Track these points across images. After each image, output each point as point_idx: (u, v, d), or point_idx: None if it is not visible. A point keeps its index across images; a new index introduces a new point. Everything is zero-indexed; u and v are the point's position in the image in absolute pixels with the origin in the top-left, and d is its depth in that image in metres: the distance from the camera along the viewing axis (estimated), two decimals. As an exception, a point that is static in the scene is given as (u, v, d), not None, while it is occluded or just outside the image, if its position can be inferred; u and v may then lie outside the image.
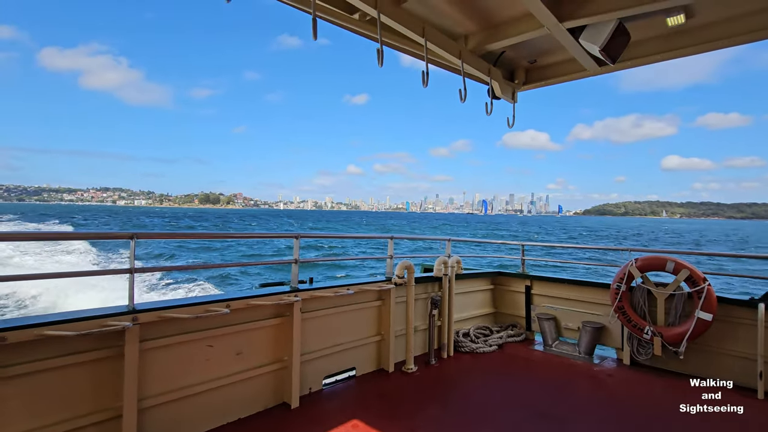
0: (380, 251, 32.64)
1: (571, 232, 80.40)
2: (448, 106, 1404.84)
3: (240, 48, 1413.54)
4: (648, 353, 4.33)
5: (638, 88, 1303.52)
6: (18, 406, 2.14)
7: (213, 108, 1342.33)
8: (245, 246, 32.68)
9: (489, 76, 3.56)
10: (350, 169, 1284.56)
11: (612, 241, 57.64)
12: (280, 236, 4.09)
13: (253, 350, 3.21)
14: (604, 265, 6.21)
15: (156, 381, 2.66)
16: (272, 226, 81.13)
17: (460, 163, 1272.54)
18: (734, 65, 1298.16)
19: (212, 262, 26.22)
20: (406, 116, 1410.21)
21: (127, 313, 2.47)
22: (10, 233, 3.09)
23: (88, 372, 2.37)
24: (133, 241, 2.53)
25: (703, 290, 3.95)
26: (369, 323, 4.16)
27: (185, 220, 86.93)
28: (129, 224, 64.27)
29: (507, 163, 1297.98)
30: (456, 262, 4.93)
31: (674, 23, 2.81)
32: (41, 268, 16.57)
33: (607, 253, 26.85)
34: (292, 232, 3.62)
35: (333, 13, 2.67)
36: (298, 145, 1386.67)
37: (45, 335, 2.14)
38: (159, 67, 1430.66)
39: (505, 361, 4.64)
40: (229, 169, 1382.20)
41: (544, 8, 2.55)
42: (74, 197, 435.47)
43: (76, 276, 2.55)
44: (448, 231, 71.28)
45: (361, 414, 3.21)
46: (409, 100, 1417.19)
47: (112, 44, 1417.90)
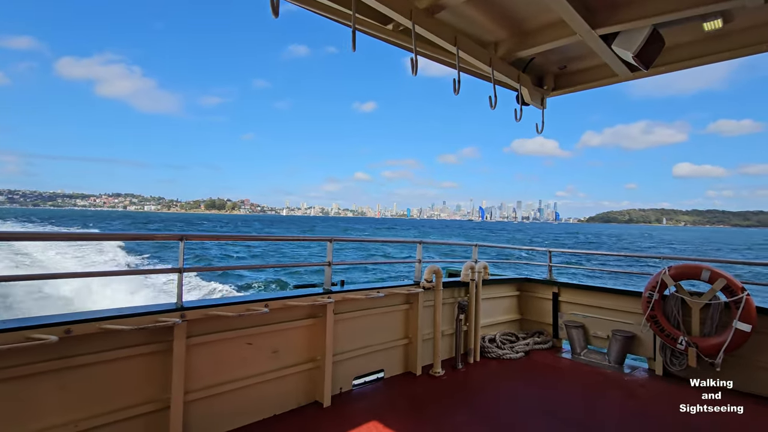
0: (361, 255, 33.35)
1: (553, 237, 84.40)
2: (456, 113, 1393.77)
3: (249, 57, 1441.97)
4: (682, 364, 4.21)
5: (648, 94, 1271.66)
6: (78, 393, 2.30)
7: (223, 115, 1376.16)
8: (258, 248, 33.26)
9: (518, 83, 3.58)
10: (358, 175, 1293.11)
11: (588, 247, 61.19)
12: (316, 239, 4.26)
13: (288, 349, 3.32)
14: (616, 271, 5.99)
15: (200, 376, 2.79)
16: (246, 230, 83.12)
17: (468, 169, 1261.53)
18: (746, 72, 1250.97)
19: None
20: (414, 123, 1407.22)
21: (176, 310, 2.62)
22: (60, 233, 3.29)
23: (139, 365, 2.53)
24: (182, 242, 2.69)
25: (742, 300, 3.82)
26: (397, 326, 4.22)
27: (178, 225, 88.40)
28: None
29: (515, 169, 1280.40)
30: (483, 267, 4.94)
31: (711, 28, 2.77)
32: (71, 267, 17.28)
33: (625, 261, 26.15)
34: (326, 236, 3.73)
35: (369, 24, 2.77)
36: (306, 152, 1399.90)
37: (105, 329, 2.30)
38: (171, 76, 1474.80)
39: (532, 368, 4.60)
40: (238, 175, 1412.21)
41: (577, 16, 2.57)
42: (87, 203, 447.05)
43: (128, 274, 2.72)
44: (420, 235, 74.66)
45: (390, 416, 3.26)
46: (417, 107, 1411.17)
47: (126, 54, 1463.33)
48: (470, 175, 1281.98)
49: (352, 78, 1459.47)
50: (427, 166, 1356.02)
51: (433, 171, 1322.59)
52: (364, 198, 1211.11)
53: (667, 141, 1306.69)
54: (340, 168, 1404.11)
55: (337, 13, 2.53)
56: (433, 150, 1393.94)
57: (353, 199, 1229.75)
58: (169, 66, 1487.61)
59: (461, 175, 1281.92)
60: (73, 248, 21.68)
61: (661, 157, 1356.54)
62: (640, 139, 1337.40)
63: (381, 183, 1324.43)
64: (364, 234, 76.21)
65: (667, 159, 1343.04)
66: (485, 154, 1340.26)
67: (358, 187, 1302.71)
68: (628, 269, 9.84)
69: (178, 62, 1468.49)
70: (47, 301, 11.67)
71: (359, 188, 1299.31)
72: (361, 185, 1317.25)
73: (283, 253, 34.34)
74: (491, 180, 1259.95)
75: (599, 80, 3.74)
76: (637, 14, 2.66)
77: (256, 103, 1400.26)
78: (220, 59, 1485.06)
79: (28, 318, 2.25)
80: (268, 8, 1.85)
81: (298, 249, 35.85)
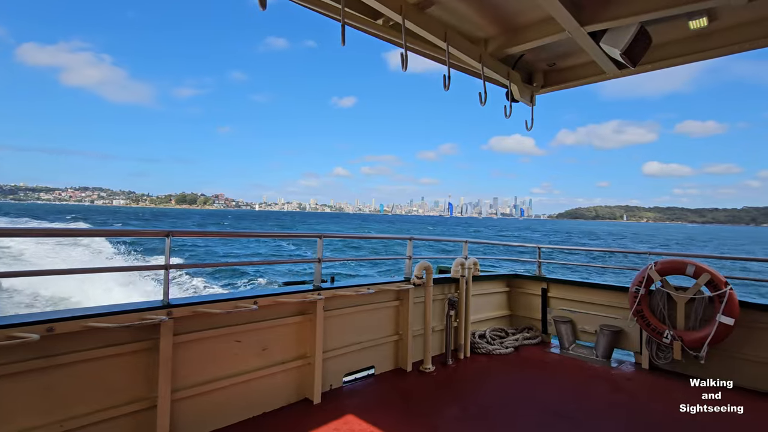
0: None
1: (507, 232, 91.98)
2: (436, 110, 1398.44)
3: (226, 48, 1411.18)
4: (668, 357, 4.29)
5: (619, 95, 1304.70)
6: (63, 393, 2.26)
7: (198, 107, 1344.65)
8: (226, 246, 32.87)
9: (508, 79, 3.60)
10: (338, 171, 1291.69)
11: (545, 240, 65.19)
12: (304, 236, 4.23)
13: (278, 346, 3.30)
14: (605, 266, 6.13)
15: (187, 374, 2.76)
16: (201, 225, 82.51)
17: (447, 166, 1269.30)
18: (710, 75, 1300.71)
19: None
20: (394, 119, 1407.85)
21: (162, 307, 2.58)
22: (39, 229, 3.12)
23: (125, 363, 2.48)
24: (168, 238, 2.65)
25: (725, 294, 3.91)
26: (388, 323, 4.22)
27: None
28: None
29: (493, 166, 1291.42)
30: (473, 263, 4.96)
31: (696, 26, 2.82)
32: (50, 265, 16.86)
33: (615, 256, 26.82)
34: (316, 232, 3.71)
35: (358, 19, 2.75)
36: (284, 146, 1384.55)
37: (89, 326, 2.26)
38: (143, 65, 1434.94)
39: (522, 363, 4.65)
40: (214, 169, 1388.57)
41: (566, 12, 2.59)
42: (52, 196, 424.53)
43: (113, 271, 2.67)
44: (383, 229, 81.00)
45: (381, 412, 3.26)
46: (397, 103, 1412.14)
47: (95, 42, 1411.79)
48: (449, 171, 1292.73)
49: (333, 73, 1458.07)
50: (407, 163, 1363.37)
51: (413, 167, 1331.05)
52: (344, 194, 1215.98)
53: (637, 140, 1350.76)
54: (319, 163, 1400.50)
55: (326, 6, 2.51)
56: (413, 146, 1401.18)
57: (332, 194, 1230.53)
58: (141, 55, 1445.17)
59: (440, 171, 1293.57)
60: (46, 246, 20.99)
61: (632, 156, 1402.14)
62: (612, 139, 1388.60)
63: (360, 179, 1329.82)
64: (331, 229, 78.20)
65: (638, 158, 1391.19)
66: (464, 151, 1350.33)
67: (338, 183, 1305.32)
68: (612, 264, 9.95)
69: (151, 52, 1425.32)
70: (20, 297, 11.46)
71: (339, 184, 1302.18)
72: (341, 181, 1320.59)
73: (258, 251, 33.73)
74: (470, 176, 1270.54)
75: (588, 77, 3.77)
76: (625, 11, 2.69)
77: (233, 96, 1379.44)
78: (195, 50, 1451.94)
79: (8, 316, 2.20)
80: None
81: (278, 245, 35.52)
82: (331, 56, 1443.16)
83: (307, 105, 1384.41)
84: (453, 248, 33.32)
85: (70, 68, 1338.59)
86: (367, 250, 36.18)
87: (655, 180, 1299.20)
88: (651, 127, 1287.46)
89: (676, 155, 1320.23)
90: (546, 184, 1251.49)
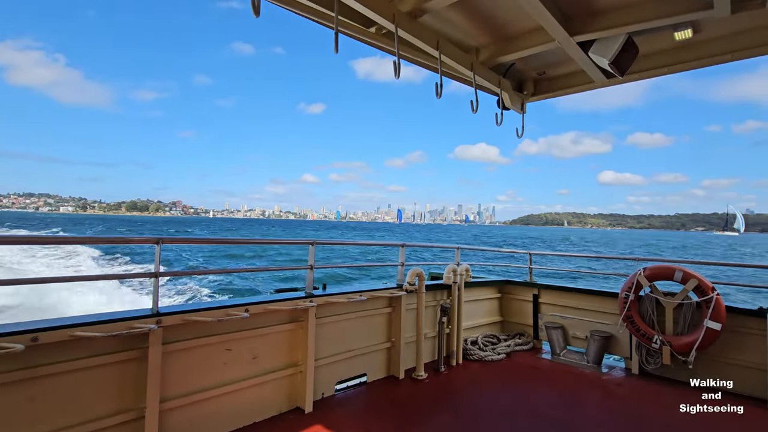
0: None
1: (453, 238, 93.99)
2: (404, 118, 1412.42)
3: (190, 52, 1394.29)
4: (657, 362, 4.34)
5: (575, 107, 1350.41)
6: (49, 404, 2.19)
7: (160, 110, 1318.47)
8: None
9: (499, 88, 3.64)
10: (306, 177, 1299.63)
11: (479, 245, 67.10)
12: (296, 242, 4.21)
13: (269, 355, 3.26)
14: (595, 272, 6.24)
15: (177, 383, 2.70)
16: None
17: (415, 174, 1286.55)
18: (655, 91, 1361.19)
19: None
20: (363, 127, 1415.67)
21: (151, 316, 2.53)
22: (28, 237, 3.13)
23: (113, 373, 2.42)
24: (158, 246, 2.61)
25: (712, 300, 3.97)
26: (380, 330, 4.19)
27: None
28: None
29: (460, 174, 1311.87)
30: (465, 270, 4.98)
31: (682, 38, 2.89)
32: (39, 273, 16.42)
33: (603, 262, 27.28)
34: (308, 239, 3.68)
35: (351, 27, 2.77)
36: (251, 152, 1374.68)
37: (75, 336, 2.20)
38: (100, 67, 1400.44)
39: (514, 369, 4.66)
40: (175, 174, 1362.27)
41: (555, 23, 2.64)
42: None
43: (101, 279, 2.62)
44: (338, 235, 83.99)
45: (373, 420, 3.23)
46: (367, 111, 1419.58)
47: (48, 41, 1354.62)
48: (417, 179, 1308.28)
49: (302, 79, 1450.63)
50: (375, 170, 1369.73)
51: (381, 174, 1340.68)
52: (311, 201, 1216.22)
53: (593, 151, 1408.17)
54: (287, 169, 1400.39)
55: (319, 14, 2.51)
56: (382, 154, 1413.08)
57: (299, 201, 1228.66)
58: (99, 56, 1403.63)
59: (408, 179, 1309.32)
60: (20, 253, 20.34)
61: (588, 166, 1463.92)
62: (570, 149, 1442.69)
63: (329, 185, 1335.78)
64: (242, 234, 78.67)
65: (594, 167, 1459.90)
66: (431, 159, 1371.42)
67: (306, 189, 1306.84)
68: (601, 270, 10.07)
69: (110, 53, 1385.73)
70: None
71: (307, 190, 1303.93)
72: (309, 187, 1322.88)
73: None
74: (436, 184, 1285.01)
75: (576, 86, 3.84)
76: (613, 22, 2.76)
77: (197, 100, 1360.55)
78: (158, 52, 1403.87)
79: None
80: (218, 2, 1.81)
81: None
82: (299, 64, 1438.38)
83: (275, 111, 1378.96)
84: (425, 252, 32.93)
85: (18, 67, 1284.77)
86: (356, 254, 36.15)
87: (610, 188, 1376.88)
88: (606, 138, 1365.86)
89: (629, 165, 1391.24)
90: (511, 192, 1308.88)
